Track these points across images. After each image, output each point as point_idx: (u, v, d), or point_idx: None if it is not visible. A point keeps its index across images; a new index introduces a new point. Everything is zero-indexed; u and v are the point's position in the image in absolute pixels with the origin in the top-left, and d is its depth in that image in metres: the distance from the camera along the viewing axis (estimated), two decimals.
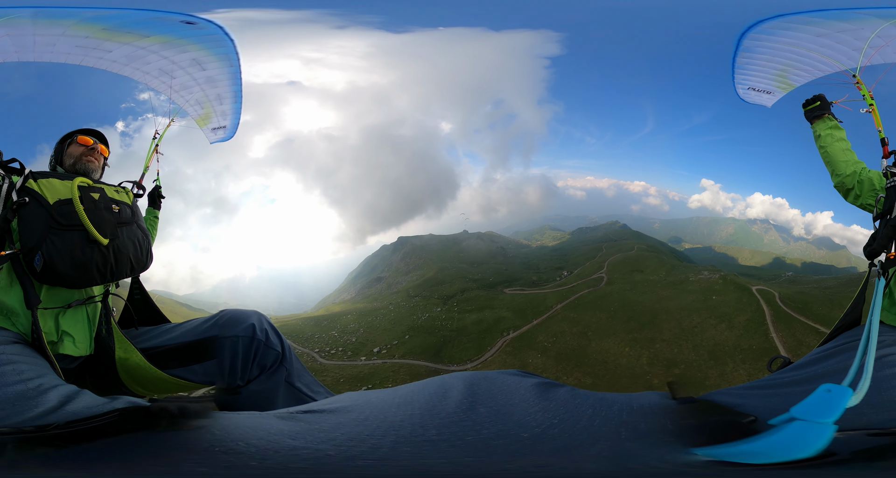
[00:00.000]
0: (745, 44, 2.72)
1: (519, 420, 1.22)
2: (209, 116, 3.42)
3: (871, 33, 2.31)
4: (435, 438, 1.13)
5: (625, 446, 1.15)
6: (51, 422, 1.34)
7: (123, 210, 1.94)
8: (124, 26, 2.80)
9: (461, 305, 41.07)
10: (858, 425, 1.26)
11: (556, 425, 1.20)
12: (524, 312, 38.39)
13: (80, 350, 1.85)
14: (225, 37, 3.03)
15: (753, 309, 30.99)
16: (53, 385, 1.48)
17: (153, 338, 2.08)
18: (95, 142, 2.19)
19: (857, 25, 2.37)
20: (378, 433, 1.16)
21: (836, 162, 2.10)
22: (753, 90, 2.94)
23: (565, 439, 1.14)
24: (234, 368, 1.96)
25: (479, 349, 33.59)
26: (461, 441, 1.11)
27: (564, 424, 1.21)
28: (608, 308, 35.48)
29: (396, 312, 40.50)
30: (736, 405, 1.50)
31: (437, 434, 1.14)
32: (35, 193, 1.75)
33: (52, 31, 2.65)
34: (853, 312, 1.82)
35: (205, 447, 1.13)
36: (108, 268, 1.80)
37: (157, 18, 2.84)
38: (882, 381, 1.38)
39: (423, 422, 1.19)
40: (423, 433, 1.14)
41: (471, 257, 48.95)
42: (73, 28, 2.66)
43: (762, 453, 1.08)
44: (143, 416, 1.37)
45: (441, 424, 1.18)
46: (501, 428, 1.17)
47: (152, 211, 2.86)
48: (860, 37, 2.35)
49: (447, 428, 1.16)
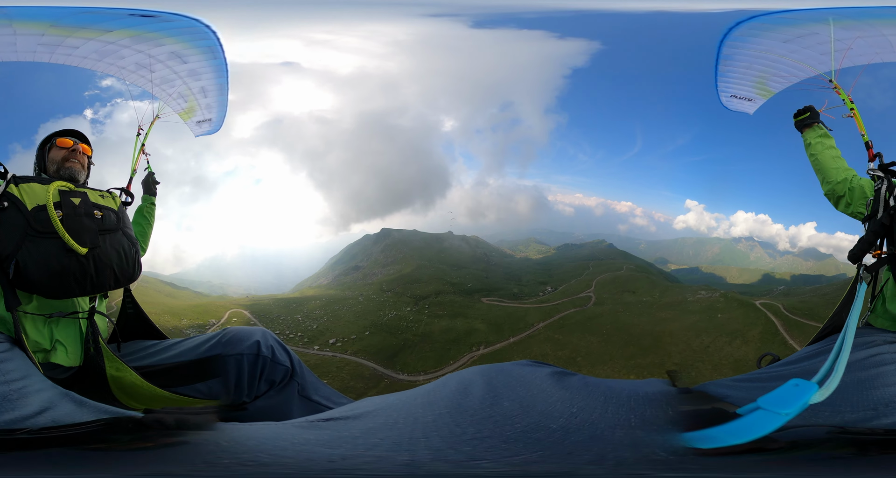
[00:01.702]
0: (725, 51, 2.86)
1: (543, 411, 1.27)
2: (193, 109, 3.53)
3: (826, 37, 2.42)
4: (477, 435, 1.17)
5: (636, 434, 1.22)
6: (24, 427, 1.34)
7: (107, 216, 1.92)
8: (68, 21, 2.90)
9: (433, 308, 40.79)
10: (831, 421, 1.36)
11: (576, 415, 1.26)
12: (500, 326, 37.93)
13: (72, 361, 1.87)
14: (206, 30, 3.15)
15: (763, 322, 31.22)
16: (38, 390, 1.48)
17: (150, 355, 2.09)
18: (76, 142, 2.18)
19: (810, 29, 2.50)
20: (418, 434, 1.19)
21: (827, 169, 2.17)
22: (735, 98, 3.08)
23: (589, 429, 1.21)
24: (239, 385, 1.97)
25: (440, 361, 32.60)
26: (503, 437, 1.17)
27: (583, 412, 1.28)
28: (599, 331, 34.68)
29: (364, 305, 40.51)
30: (725, 396, 1.63)
31: (477, 431, 1.18)
32: (14, 198, 1.76)
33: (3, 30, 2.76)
34: (842, 313, 1.91)
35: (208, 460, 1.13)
36: (87, 279, 1.78)
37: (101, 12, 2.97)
38: (865, 381, 1.47)
39: (456, 421, 1.23)
40: (461, 432, 1.18)
41: (452, 259, 49.09)
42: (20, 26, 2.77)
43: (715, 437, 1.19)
44: (133, 427, 1.35)
45: (472, 421, 1.22)
46: (531, 421, 1.22)
47: (148, 198, 2.86)
48: (821, 41, 2.47)
49: (482, 424, 1.21)
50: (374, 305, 38.21)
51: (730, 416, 1.33)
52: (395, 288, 41.15)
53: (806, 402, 1.19)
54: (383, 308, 37.92)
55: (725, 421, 1.24)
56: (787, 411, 1.18)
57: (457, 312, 38.92)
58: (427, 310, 38.38)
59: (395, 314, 37.43)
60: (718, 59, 2.93)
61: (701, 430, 1.23)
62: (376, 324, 35.20)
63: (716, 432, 1.22)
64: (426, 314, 37.83)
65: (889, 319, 1.86)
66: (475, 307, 39.90)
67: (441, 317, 37.93)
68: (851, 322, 1.51)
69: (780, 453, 1.20)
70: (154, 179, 2.93)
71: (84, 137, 2.29)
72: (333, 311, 37.09)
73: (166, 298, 38.29)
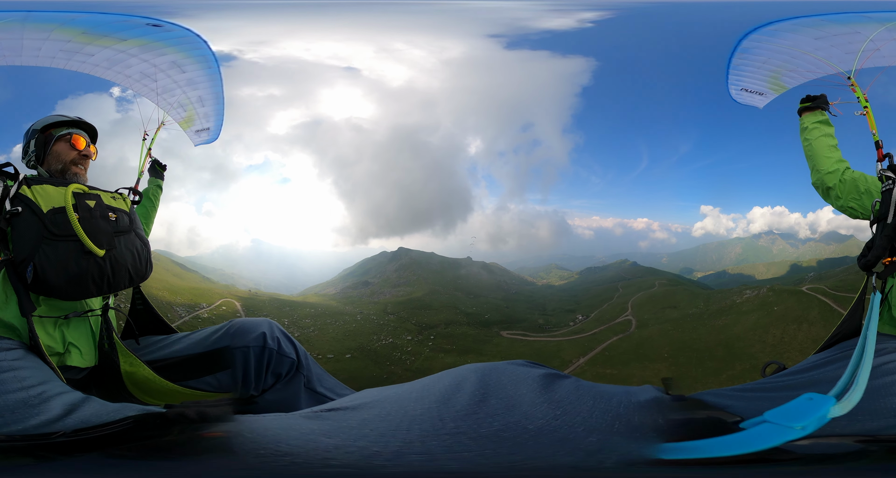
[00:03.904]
0: (745, 45, 2.98)
1: (526, 412, 1.37)
2: (192, 119, 3.72)
3: (867, 37, 2.55)
4: (454, 431, 1.28)
5: (612, 440, 1.30)
6: (56, 430, 1.43)
7: (121, 218, 2.04)
8: (99, 30, 3.04)
9: (439, 340, 38.36)
10: (850, 431, 1.40)
11: (558, 417, 1.35)
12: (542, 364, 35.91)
13: (87, 361, 1.98)
14: (198, 39, 3.33)
15: (817, 304, 32.26)
16: (58, 393, 1.57)
17: (159, 349, 2.22)
18: (88, 144, 2.21)
19: (853, 29, 2.62)
20: (403, 427, 1.30)
21: (819, 156, 2.18)
22: (746, 91, 3.24)
23: (564, 431, 1.30)
24: (247, 378, 2.10)
25: None
26: (476, 433, 1.27)
27: (566, 415, 1.36)
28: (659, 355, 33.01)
29: (360, 324, 38.89)
30: (726, 406, 1.67)
31: (456, 427, 1.29)
32: (29, 200, 1.84)
33: (38, 35, 2.94)
34: (851, 320, 1.94)
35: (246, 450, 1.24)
36: (104, 280, 1.89)
37: (126, 21, 3.10)
38: (881, 388, 1.51)
39: (441, 415, 1.34)
40: (442, 426, 1.29)
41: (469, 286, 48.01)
42: (56, 32, 2.95)
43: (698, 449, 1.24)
44: (160, 422, 1.46)
45: (456, 416, 1.33)
46: (510, 420, 1.32)
47: (155, 180, 3.03)
48: (855, 40, 2.59)
49: (463, 421, 1.31)
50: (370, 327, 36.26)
51: (724, 426, 1.45)
52: (400, 312, 39.36)
53: (824, 416, 1.23)
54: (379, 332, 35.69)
55: (722, 433, 1.29)
56: (801, 425, 1.20)
57: (469, 347, 35.95)
58: (431, 342, 35.31)
59: (391, 341, 34.66)
60: (735, 52, 3.04)
61: (684, 441, 1.30)
62: (363, 348, 32.79)
63: (707, 444, 1.25)
64: (428, 347, 34.62)
65: None
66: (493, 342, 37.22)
67: (448, 352, 34.81)
68: (871, 334, 1.57)
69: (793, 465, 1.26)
70: (160, 164, 3.10)
71: (94, 134, 2.30)
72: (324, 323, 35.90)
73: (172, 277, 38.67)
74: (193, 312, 32.91)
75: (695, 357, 32.99)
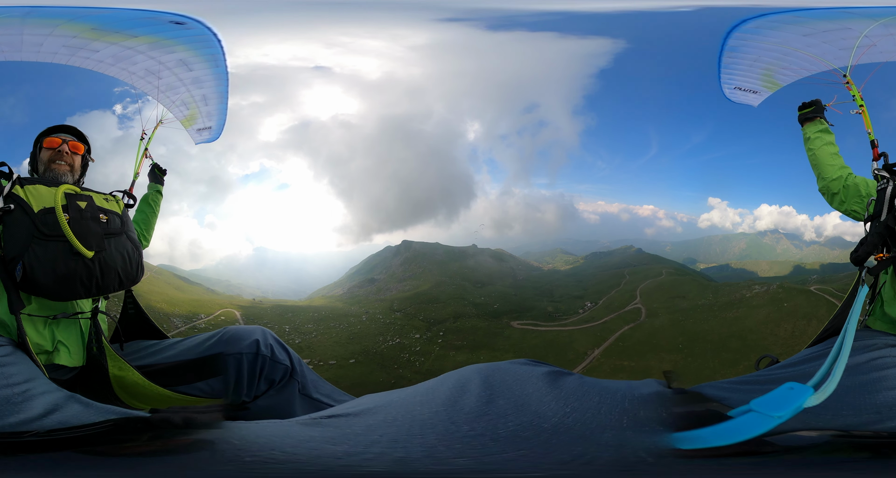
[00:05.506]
0: (731, 43, 3.11)
1: (537, 410, 1.42)
2: (194, 117, 3.87)
3: (859, 33, 2.65)
4: (470, 433, 1.31)
5: (625, 435, 1.37)
6: (31, 429, 1.47)
7: (112, 220, 2.12)
8: (113, 26, 3.16)
9: (448, 336, 37.67)
10: (833, 425, 1.49)
11: (569, 415, 1.40)
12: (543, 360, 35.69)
13: (75, 361, 2.07)
14: (212, 37, 3.43)
15: (825, 303, 32.67)
16: (42, 392, 1.62)
17: (151, 355, 2.29)
18: (63, 141, 2.33)
19: (843, 25, 2.72)
20: (416, 432, 1.33)
21: (823, 165, 2.40)
22: (739, 90, 3.37)
23: (579, 429, 1.36)
24: (239, 384, 2.18)
25: None
26: (495, 435, 1.31)
27: (577, 412, 1.42)
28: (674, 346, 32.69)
29: (365, 326, 38.49)
30: (722, 398, 1.77)
31: (471, 429, 1.33)
32: (20, 199, 1.93)
33: (40, 31, 3.06)
34: (842, 315, 2.02)
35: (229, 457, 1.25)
36: (93, 281, 1.97)
37: (147, 18, 3.20)
38: (869, 384, 1.60)
39: (452, 418, 1.37)
40: (456, 429, 1.33)
41: (476, 276, 47.90)
42: (61, 28, 3.06)
43: (702, 438, 1.32)
44: (142, 427, 1.48)
45: (467, 418, 1.37)
46: (524, 420, 1.37)
47: (154, 185, 3.11)
48: (848, 36, 2.69)
49: (476, 423, 1.35)
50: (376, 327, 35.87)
51: (721, 417, 1.47)
52: (407, 308, 39.00)
53: (800, 406, 1.31)
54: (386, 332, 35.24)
55: (716, 422, 1.37)
56: (779, 415, 1.29)
57: (480, 341, 35.78)
58: (441, 338, 35.02)
59: (398, 341, 34.18)
60: (723, 51, 3.17)
61: (689, 431, 1.36)
62: (368, 351, 32.01)
63: (704, 433, 1.34)
64: (438, 344, 34.55)
65: (888, 322, 2.00)
66: (504, 334, 37.02)
67: (459, 349, 34.11)
68: (850, 326, 1.64)
69: (775, 457, 1.35)
70: (160, 168, 3.18)
71: (78, 133, 2.42)
72: (327, 327, 35.65)
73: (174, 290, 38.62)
74: (191, 322, 33.01)
75: (710, 348, 33.08)
